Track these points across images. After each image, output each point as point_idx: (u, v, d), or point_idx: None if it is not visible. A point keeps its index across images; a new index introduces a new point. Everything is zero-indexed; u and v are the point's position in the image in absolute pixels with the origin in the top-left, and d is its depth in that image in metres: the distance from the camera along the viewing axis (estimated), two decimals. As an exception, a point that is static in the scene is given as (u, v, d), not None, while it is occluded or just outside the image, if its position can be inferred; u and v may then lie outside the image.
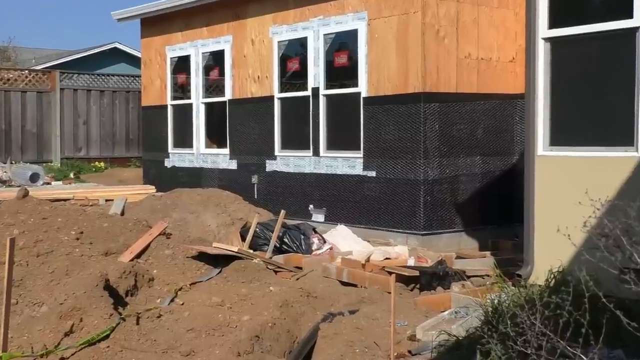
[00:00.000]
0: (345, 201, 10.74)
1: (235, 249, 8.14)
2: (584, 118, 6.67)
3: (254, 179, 12.26)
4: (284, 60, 11.93)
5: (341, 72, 11.43)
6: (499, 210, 10.39)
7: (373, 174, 10.34)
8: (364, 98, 10.45)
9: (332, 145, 11.13)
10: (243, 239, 9.27)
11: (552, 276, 5.83)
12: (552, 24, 6.71)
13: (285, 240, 9.14)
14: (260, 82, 12.19)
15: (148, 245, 7.45)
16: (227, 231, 9.73)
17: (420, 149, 9.74)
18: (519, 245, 7.96)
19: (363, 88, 10.45)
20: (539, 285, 5.90)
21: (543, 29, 6.73)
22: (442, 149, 9.91)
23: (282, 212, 9.15)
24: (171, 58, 14.25)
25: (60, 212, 7.59)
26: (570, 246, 4.76)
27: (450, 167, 10.00)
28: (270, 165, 12.04)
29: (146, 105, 15.07)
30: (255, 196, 12.16)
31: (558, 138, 6.76)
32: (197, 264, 7.51)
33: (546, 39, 6.76)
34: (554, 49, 6.76)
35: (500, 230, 10.25)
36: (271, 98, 11.99)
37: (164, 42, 14.34)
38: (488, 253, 9.22)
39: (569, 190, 6.26)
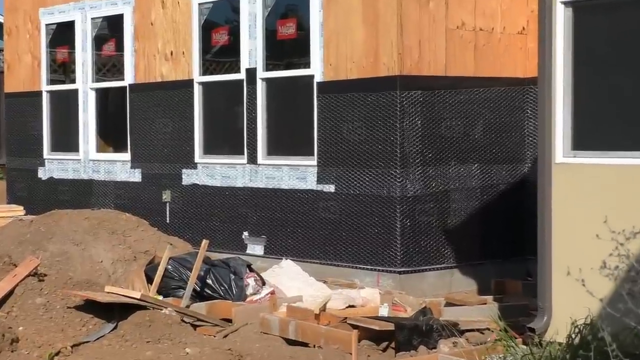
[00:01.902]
0: (293, 226, 10.70)
1: (138, 295, 8.03)
2: (620, 112, 6.75)
3: (166, 196, 12.14)
4: (207, 29, 11.87)
5: (287, 47, 11.37)
6: (505, 239, 10.46)
7: (331, 188, 10.33)
8: (318, 83, 10.45)
9: (274, 149, 11.09)
10: (149, 280, 9.16)
11: (576, 331, 5.87)
12: (575, -17, 6.80)
13: (209, 281, 9.05)
14: (174, 61, 12.11)
15: (12, 291, 7.31)
16: (127, 269, 9.61)
17: (396, 154, 9.77)
18: (533, 287, 8.01)
19: (317, 69, 10.45)
20: (559, 344, 5.94)
21: (562, -10, 6.82)
22: (426, 154, 9.95)
23: (204, 242, 9.07)
24: (47, 25, 14.07)
25: None
26: (602, 289, 4.81)
27: (438, 179, 10.04)
28: (189, 177, 11.95)
29: (11, 92, 14.84)
30: (168, 220, 12.04)
31: (583, 140, 6.82)
32: (83, 316, 7.38)
33: (567, 3, 6.83)
34: (578, 16, 6.83)
35: (508, 267, 10.32)
36: (189, 83, 11.92)
37: (37, 3, 14.15)
38: (490, 298, 9.26)
39: (597, 211, 6.31)
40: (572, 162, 6.80)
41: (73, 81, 13.73)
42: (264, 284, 9.21)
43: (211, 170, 11.68)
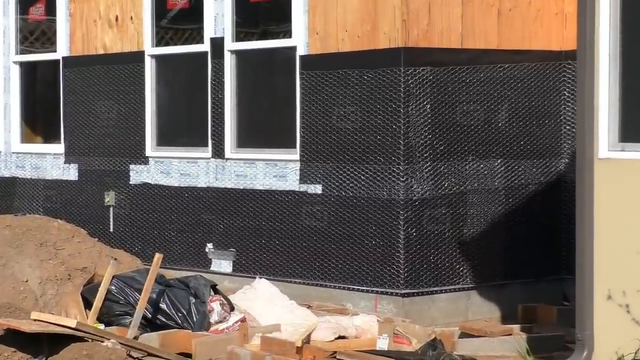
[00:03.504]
0: (270, 237, 10.69)
1: (73, 323, 8.00)
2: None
3: (109, 199, 12.10)
4: (162, -11, 11.89)
5: (263, 11, 11.33)
6: (536, 253, 10.47)
7: (317, 189, 10.32)
8: (302, 57, 10.44)
9: (246, 139, 11.08)
10: (88, 304, 9.14)
11: (624, 368, 5.89)
12: None
13: (163, 306, 9.04)
14: (120, 28, 12.07)
15: None
16: (60, 291, 9.58)
17: (399, 147, 9.76)
18: (570, 313, 8.02)
19: (300, 40, 10.43)
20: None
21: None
22: (436, 147, 9.95)
23: (158, 256, 9.05)
24: (-40, -17, 14.03)
25: None
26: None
27: (452, 178, 10.03)
28: (138, 174, 11.92)
29: None
30: (111, 228, 12.01)
31: (634, 129, 6.82)
32: (3, 350, 7.34)
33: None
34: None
35: (539, 288, 10.33)
36: (139, 55, 11.88)
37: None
38: (516, 327, 9.26)
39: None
40: (620, 158, 6.80)
41: (-8, 53, 13.68)
42: (232, 309, 9.19)
43: (166, 166, 11.64)
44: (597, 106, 6.88)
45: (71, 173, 12.62)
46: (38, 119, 13.59)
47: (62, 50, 12.72)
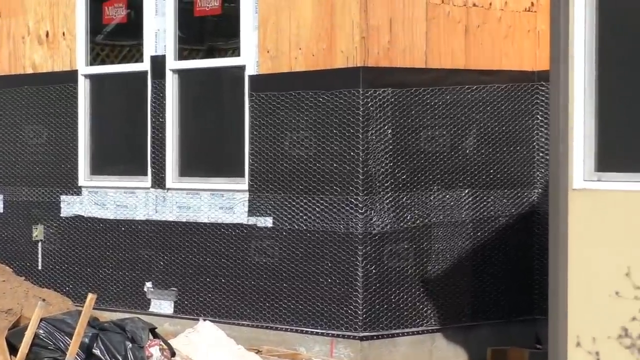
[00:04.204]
0: (215, 275, 10.66)
1: (-4, 371, 7.97)
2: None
3: (37, 233, 12.03)
4: (98, 1, 11.83)
5: (209, 27, 11.33)
6: (507, 292, 10.50)
7: (268, 222, 10.31)
8: (251, 78, 10.45)
9: (190, 167, 11.07)
10: (13, 350, 9.09)
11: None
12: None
13: (96, 351, 8.98)
14: (50, 45, 12.03)
15: None
16: (-18, 335, 9.53)
17: (357, 176, 9.78)
18: (544, 357, 8.04)
19: (250, 58, 10.44)
20: None
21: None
22: (398, 176, 9.97)
23: (91, 296, 9.01)
24: None
25: None
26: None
27: (415, 210, 10.05)
28: (70, 206, 11.85)
29: None
30: (40, 266, 11.94)
31: (612, 157, 6.86)
32: None
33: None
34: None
35: (510, 330, 10.37)
36: (72, 75, 11.84)
37: None
38: (486, 374, 9.33)
39: (629, 256, 6.35)
40: (596, 188, 6.83)
41: None
42: (173, 354, 9.17)
43: (101, 197, 11.59)
44: (572, 132, 6.91)
45: (-4, 204, 12.57)
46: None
47: (-14, 69, 12.68)
